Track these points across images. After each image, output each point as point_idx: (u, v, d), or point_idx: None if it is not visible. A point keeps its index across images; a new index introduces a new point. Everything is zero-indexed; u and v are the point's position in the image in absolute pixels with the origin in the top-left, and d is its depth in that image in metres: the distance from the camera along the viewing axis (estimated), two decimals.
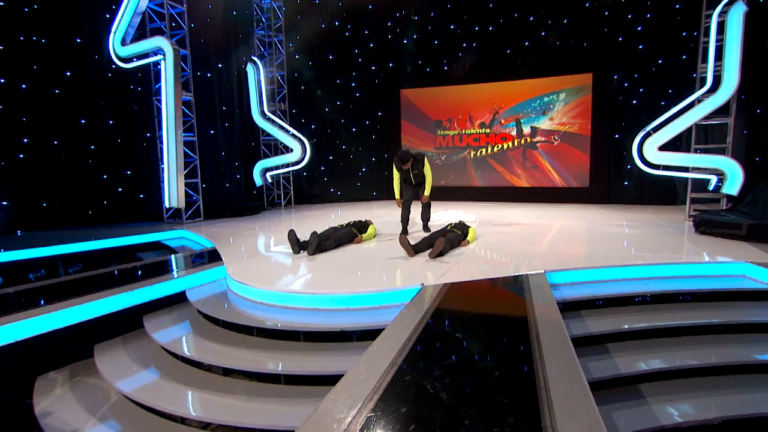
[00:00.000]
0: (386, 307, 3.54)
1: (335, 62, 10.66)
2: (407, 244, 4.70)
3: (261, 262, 4.68)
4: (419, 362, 2.27)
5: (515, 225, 6.69)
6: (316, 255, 4.82)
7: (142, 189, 7.84)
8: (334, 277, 3.99)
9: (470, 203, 9.74)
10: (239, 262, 4.65)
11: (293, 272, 4.22)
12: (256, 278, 4.00)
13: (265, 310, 3.66)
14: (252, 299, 3.87)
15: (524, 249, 4.92)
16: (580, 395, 1.89)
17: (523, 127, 9.79)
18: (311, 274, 4.14)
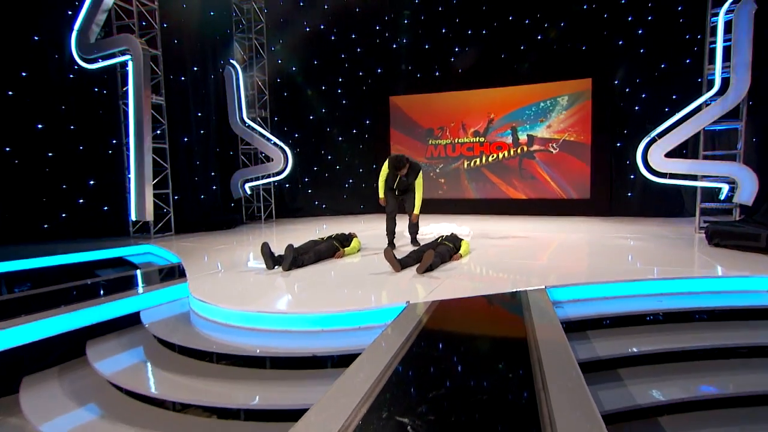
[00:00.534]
0: (367, 329, 3.27)
1: (320, 67, 10.57)
2: (393, 258, 4.47)
3: (229, 278, 4.41)
4: (400, 393, 1.99)
5: (512, 238, 6.54)
6: (291, 270, 4.59)
7: (107, 200, 7.53)
8: (309, 294, 3.75)
9: (464, 216, 9.56)
10: (205, 279, 4.37)
11: (264, 290, 3.95)
12: (220, 296, 3.71)
13: (228, 333, 3.36)
14: (215, 320, 3.57)
15: (522, 263, 4.75)
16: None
17: (520, 135, 9.71)
18: (284, 292, 3.87)
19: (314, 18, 10.41)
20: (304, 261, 4.85)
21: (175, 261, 5.66)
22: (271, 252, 4.70)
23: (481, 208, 9.96)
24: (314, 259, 4.97)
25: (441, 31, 10.14)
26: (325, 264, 4.92)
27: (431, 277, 4.22)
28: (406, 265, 4.58)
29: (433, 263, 4.44)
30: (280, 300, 3.65)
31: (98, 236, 7.27)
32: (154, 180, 7.53)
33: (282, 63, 10.45)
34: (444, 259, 4.80)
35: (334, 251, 5.30)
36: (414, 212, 5.55)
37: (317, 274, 4.44)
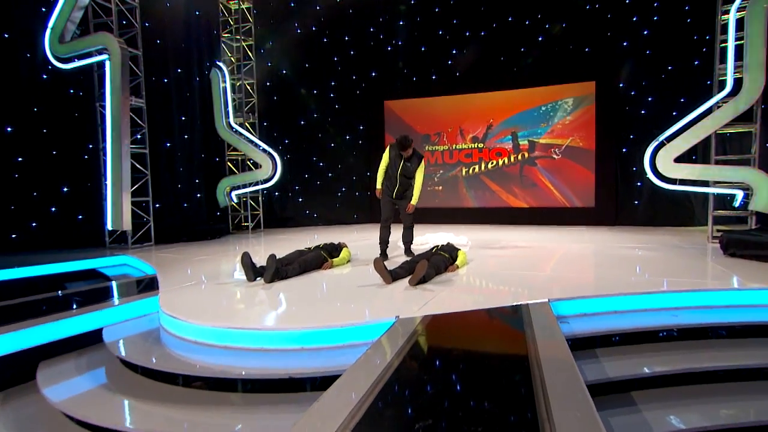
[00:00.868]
0: (351, 346, 3.06)
1: (312, 70, 10.48)
2: (383, 268, 4.28)
3: (206, 291, 4.22)
4: (383, 422, 1.77)
5: (513, 248, 6.41)
6: (274, 283, 4.41)
7: (81, 209, 7.34)
8: (290, 308, 3.55)
9: (462, 226, 9.41)
10: (179, 292, 4.17)
11: (242, 303, 3.76)
12: (193, 311, 3.50)
13: (199, 352, 3.14)
14: (185, 338, 3.35)
15: (524, 275, 4.59)
16: None
17: (520, 141, 9.62)
18: (263, 306, 3.67)
19: (305, 19, 10.35)
20: (288, 272, 4.68)
21: (151, 273, 5.44)
22: (252, 263, 4.53)
23: (480, 218, 9.85)
24: (299, 271, 4.80)
25: (438, 33, 10.07)
26: (310, 276, 4.75)
27: (425, 289, 4.03)
28: (398, 276, 4.39)
29: (426, 274, 4.26)
30: (258, 315, 3.44)
31: (72, 247, 7.07)
32: (132, 187, 7.39)
33: (272, 65, 10.34)
34: (439, 270, 4.62)
35: (321, 262, 5.13)
36: (412, 202, 5.39)
37: (301, 286, 4.27)
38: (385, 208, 5.54)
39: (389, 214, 5.56)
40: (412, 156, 5.34)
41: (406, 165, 5.34)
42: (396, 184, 5.44)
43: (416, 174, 5.37)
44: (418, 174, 5.37)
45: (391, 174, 5.42)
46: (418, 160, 5.36)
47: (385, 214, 5.55)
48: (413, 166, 5.35)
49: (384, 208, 5.55)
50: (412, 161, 5.34)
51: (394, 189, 5.48)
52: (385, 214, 5.55)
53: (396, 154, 5.34)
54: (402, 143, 5.21)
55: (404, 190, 5.47)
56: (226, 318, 3.35)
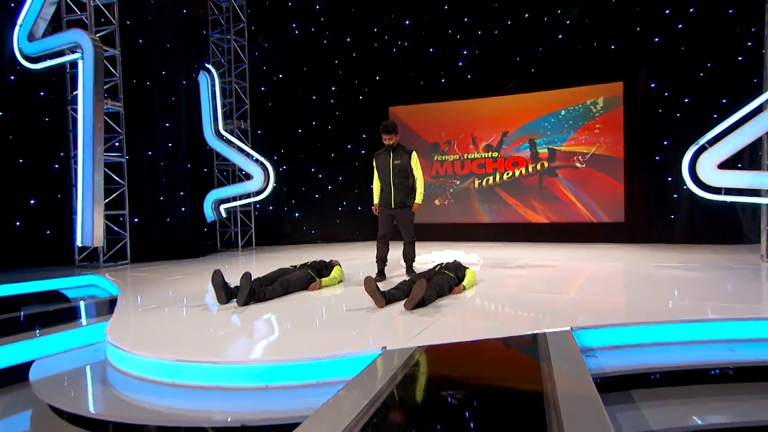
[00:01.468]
0: (326, 384, 2.69)
1: (311, 75, 10.33)
2: (375, 289, 3.92)
3: (167, 316, 3.88)
4: None
5: (531, 268, 6.07)
6: (249, 305, 4.08)
7: (49, 223, 7.15)
8: (259, 337, 3.21)
9: (475, 244, 9.04)
10: (135, 317, 3.86)
11: (203, 331, 3.39)
12: (143, 340, 3.13)
13: (142, 391, 2.78)
14: (129, 372, 2.97)
15: (542, 298, 4.22)
16: None
17: (539, 149, 9.37)
18: (227, 334, 3.30)
19: (304, 18, 10.24)
20: (267, 294, 4.36)
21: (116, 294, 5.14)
22: (225, 283, 4.22)
23: (495, 234, 9.58)
24: (281, 292, 4.49)
25: (447, 32, 9.88)
26: (293, 298, 4.42)
27: (422, 314, 3.65)
28: (393, 299, 4.04)
29: (425, 297, 3.88)
30: (217, 345, 3.06)
31: (37, 265, 6.89)
32: (107, 199, 7.23)
33: (267, 69, 10.20)
34: (441, 291, 4.25)
35: (307, 282, 4.83)
36: (416, 200, 5.20)
37: (279, 310, 3.95)
38: (382, 223, 5.31)
39: (387, 229, 5.32)
40: (399, 150, 5.16)
41: (395, 164, 5.13)
42: (391, 190, 5.18)
43: (413, 171, 5.18)
44: (415, 170, 5.19)
45: (384, 180, 5.22)
46: (407, 155, 5.18)
47: (382, 228, 5.32)
48: (403, 162, 5.14)
49: (381, 222, 5.32)
50: (401, 157, 5.15)
51: (391, 197, 5.22)
52: (382, 229, 5.32)
53: (382, 155, 5.20)
54: (385, 128, 5.03)
55: (404, 196, 5.19)
56: (177, 348, 2.97)
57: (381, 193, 5.29)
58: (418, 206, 5.22)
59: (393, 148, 5.16)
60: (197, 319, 3.73)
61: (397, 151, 5.18)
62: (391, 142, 5.09)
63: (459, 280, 4.58)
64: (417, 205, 5.22)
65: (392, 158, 5.15)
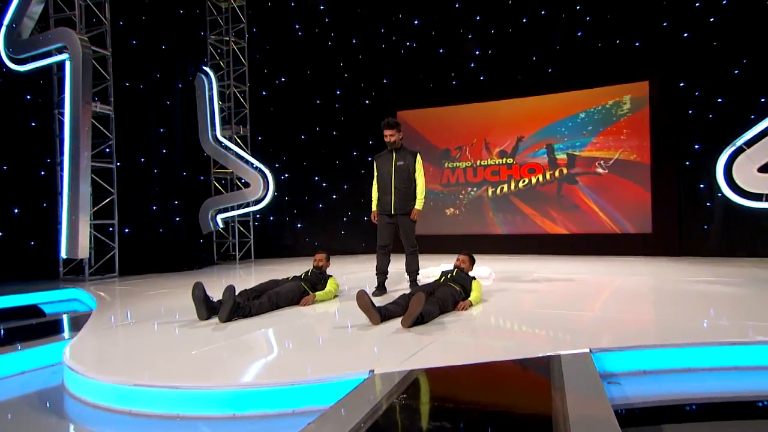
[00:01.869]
0: (301, 414, 2.49)
1: (315, 78, 10.22)
2: (369, 305, 3.68)
3: (138, 334, 3.66)
4: None
5: (548, 282, 5.79)
6: (231, 321, 3.87)
7: (34, 233, 7.05)
8: (235, 358, 2.95)
9: (489, 256, 8.74)
10: (103, 334, 3.67)
11: (176, 351, 3.15)
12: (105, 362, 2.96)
13: (95, 421, 2.60)
14: (84, 399, 2.75)
15: (560, 315, 3.95)
16: None
17: (557, 154, 9.14)
18: (198, 354, 3.04)
19: (307, 19, 10.15)
20: (252, 308, 4.15)
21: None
22: (206, 296, 4.01)
23: (510, 246, 9.31)
24: (269, 306, 4.27)
25: (458, 32, 9.73)
26: (282, 313, 4.20)
27: (421, 332, 3.39)
28: (390, 315, 3.78)
29: (425, 312, 3.62)
30: (186, 366, 2.82)
31: (20, 278, 6.76)
32: (95, 207, 7.17)
33: (268, 72, 10.11)
34: (445, 307, 3.99)
35: (299, 296, 4.61)
36: (416, 206, 4.99)
37: (264, 326, 3.73)
38: (382, 231, 5.10)
39: (387, 238, 5.09)
40: (402, 151, 4.99)
41: (398, 165, 4.94)
42: (392, 195, 4.97)
43: (416, 175, 5.00)
44: (419, 173, 5.01)
45: (384, 183, 5.03)
46: (412, 156, 5.00)
47: (381, 238, 5.10)
48: (407, 164, 4.95)
49: (380, 231, 5.11)
50: (405, 158, 4.96)
51: (391, 202, 5.00)
52: (382, 238, 5.10)
53: (384, 156, 5.04)
54: (386, 124, 4.89)
55: (404, 201, 4.98)
56: (138, 371, 2.72)
57: (380, 199, 5.08)
58: (417, 212, 5.01)
59: (396, 148, 4.99)
60: (170, 337, 3.50)
61: (400, 152, 5.00)
62: (393, 140, 4.92)
63: (466, 293, 4.31)
64: (417, 212, 5.01)
65: (395, 159, 4.97)
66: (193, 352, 3.05)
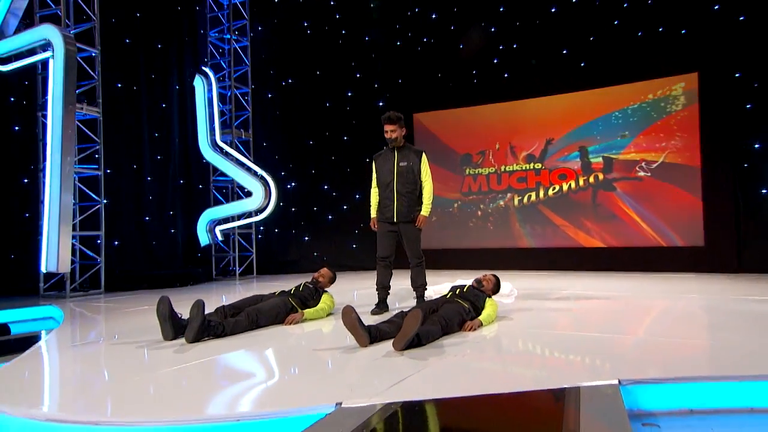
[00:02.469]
0: None
1: (324, 78, 10.03)
2: (356, 323, 3.33)
3: (87, 357, 3.42)
4: None
5: (580, 301, 5.39)
6: (200, 342, 3.60)
7: (15, 246, 6.97)
8: (188, 386, 2.66)
9: (515, 272, 8.36)
10: (45, 358, 3.47)
11: (118, 377, 2.87)
12: (28, 391, 2.68)
13: None
14: None
15: (587, 338, 3.54)
16: None
17: (592, 158, 8.69)
18: (142, 381, 2.74)
19: (316, 16, 9.99)
20: (227, 327, 3.86)
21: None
22: (173, 314, 3.73)
23: (540, 261, 8.85)
24: (247, 325, 4.00)
25: (479, 25, 9.37)
26: (262, 333, 3.92)
27: (414, 356, 3.03)
28: (383, 335, 3.41)
29: (422, 333, 3.27)
30: (120, 397, 2.53)
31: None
32: (81, 216, 7.05)
33: (274, 73, 9.99)
34: (449, 327, 3.61)
35: (285, 313, 4.33)
36: (422, 212, 4.71)
37: (235, 348, 3.46)
38: (382, 241, 4.84)
39: (388, 248, 4.82)
40: (405, 150, 4.74)
41: (401, 166, 4.69)
42: (394, 200, 4.68)
43: (422, 177, 4.73)
44: (425, 175, 4.74)
45: (386, 187, 4.77)
46: (417, 155, 4.75)
47: (381, 248, 4.84)
48: (411, 165, 4.69)
49: (380, 240, 4.86)
50: (408, 157, 4.71)
51: (393, 209, 4.71)
52: (382, 248, 4.83)
53: (384, 156, 4.82)
54: (386, 119, 4.63)
55: (409, 207, 4.68)
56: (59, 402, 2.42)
57: (380, 205, 4.83)
58: (424, 220, 4.72)
59: (398, 146, 4.73)
60: (121, 360, 3.22)
61: (403, 151, 4.74)
62: (395, 136, 4.67)
63: (477, 312, 3.92)
64: (423, 218, 4.71)
65: (397, 159, 4.70)
66: (135, 379, 2.72)
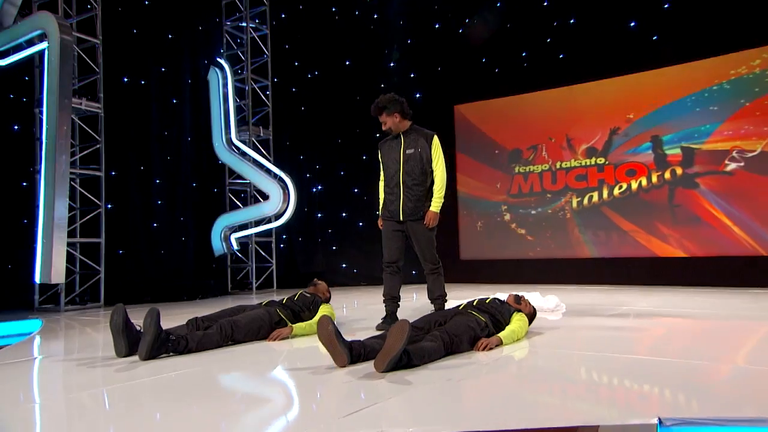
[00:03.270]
0: None
1: (354, 69, 9.91)
2: (332, 338, 3.01)
3: (17, 374, 3.25)
4: None
5: (642, 319, 4.86)
6: (157, 358, 3.37)
7: (11, 254, 7.03)
8: (96, 415, 2.39)
9: (572, 287, 7.91)
10: None
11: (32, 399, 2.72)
12: None
13: None
14: None
15: (642, 362, 3.12)
16: None
17: (668, 148, 8.11)
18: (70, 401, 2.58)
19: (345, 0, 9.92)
20: (191, 342, 3.58)
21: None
22: (128, 325, 3.49)
23: (604, 274, 8.34)
24: (219, 340, 3.73)
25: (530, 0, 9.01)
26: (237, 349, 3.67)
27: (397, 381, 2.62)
28: (369, 353, 3.00)
29: (414, 351, 2.86)
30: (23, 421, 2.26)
31: None
32: (79, 222, 7.08)
33: (299, 65, 9.96)
34: (455, 344, 3.16)
35: (270, 326, 4.05)
36: (431, 208, 4.38)
37: (190, 367, 3.18)
38: (388, 243, 4.53)
39: (395, 252, 4.51)
40: (413, 134, 4.44)
41: (407, 154, 4.39)
42: (400, 194, 4.38)
43: (433, 165, 4.41)
44: (436, 162, 4.42)
45: (390, 178, 4.50)
46: (426, 140, 4.42)
47: (387, 252, 4.53)
48: (419, 151, 4.37)
49: (385, 242, 4.56)
50: (416, 143, 4.40)
51: (399, 205, 4.40)
52: (388, 252, 4.52)
53: (388, 143, 4.55)
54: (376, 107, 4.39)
55: (416, 202, 4.37)
56: None
57: (385, 200, 4.53)
58: (434, 216, 4.38)
59: (404, 131, 4.44)
60: (52, 379, 3.05)
61: (410, 136, 4.43)
62: (388, 126, 4.42)
63: (497, 327, 3.47)
64: (433, 215, 4.37)
65: (403, 146, 4.40)
66: (47, 400, 2.45)
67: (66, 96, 6.46)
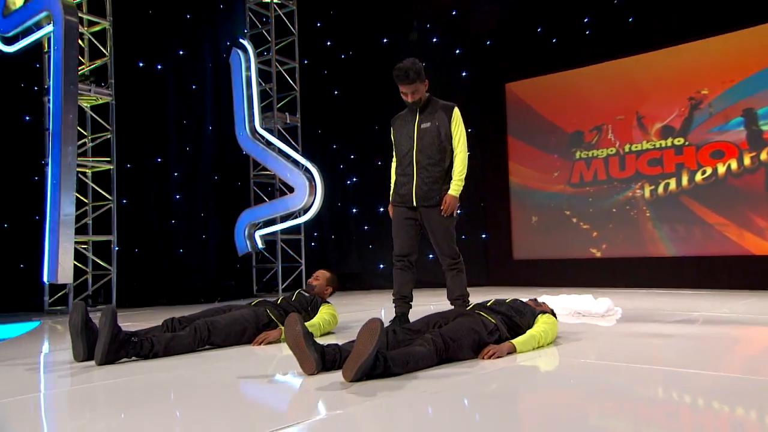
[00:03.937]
0: None
1: (392, 48, 9.78)
2: (300, 340, 2.75)
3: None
4: None
5: (710, 326, 4.46)
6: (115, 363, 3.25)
7: (23, 253, 7.22)
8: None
9: (644, 291, 7.54)
10: None
11: None
12: None
13: None
14: None
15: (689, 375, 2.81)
16: None
17: (763, 125, 7.65)
18: None
19: None
20: (157, 345, 3.44)
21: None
22: (88, 325, 3.38)
23: (684, 275, 7.98)
24: (192, 342, 3.61)
25: None
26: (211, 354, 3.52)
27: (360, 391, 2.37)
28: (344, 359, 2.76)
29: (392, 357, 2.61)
30: None
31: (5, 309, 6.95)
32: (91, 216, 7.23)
33: (331, 44, 9.98)
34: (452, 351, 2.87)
35: (256, 328, 3.92)
36: (450, 191, 4.16)
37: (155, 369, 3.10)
38: (399, 233, 4.45)
39: (407, 244, 4.40)
40: (431, 107, 4.24)
41: (422, 129, 4.20)
42: (413, 175, 4.19)
43: (453, 142, 4.20)
44: (456, 138, 4.20)
45: (402, 156, 4.37)
46: (446, 112, 4.20)
47: (398, 243, 4.45)
48: (436, 125, 4.17)
49: (396, 232, 4.46)
50: (434, 117, 4.19)
51: (412, 188, 4.22)
52: (399, 243, 4.46)
53: (402, 117, 4.43)
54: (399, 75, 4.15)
55: (432, 185, 4.18)
56: None
57: (396, 182, 4.38)
58: (453, 202, 4.17)
59: (421, 106, 4.23)
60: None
61: (427, 109, 4.25)
62: (417, 97, 4.19)
63: (512, 331, 3.17)
64: (452, 200, 4.18)
65: (418, 121, 4.27)
66: None
67: (71, 81, 6.58)
